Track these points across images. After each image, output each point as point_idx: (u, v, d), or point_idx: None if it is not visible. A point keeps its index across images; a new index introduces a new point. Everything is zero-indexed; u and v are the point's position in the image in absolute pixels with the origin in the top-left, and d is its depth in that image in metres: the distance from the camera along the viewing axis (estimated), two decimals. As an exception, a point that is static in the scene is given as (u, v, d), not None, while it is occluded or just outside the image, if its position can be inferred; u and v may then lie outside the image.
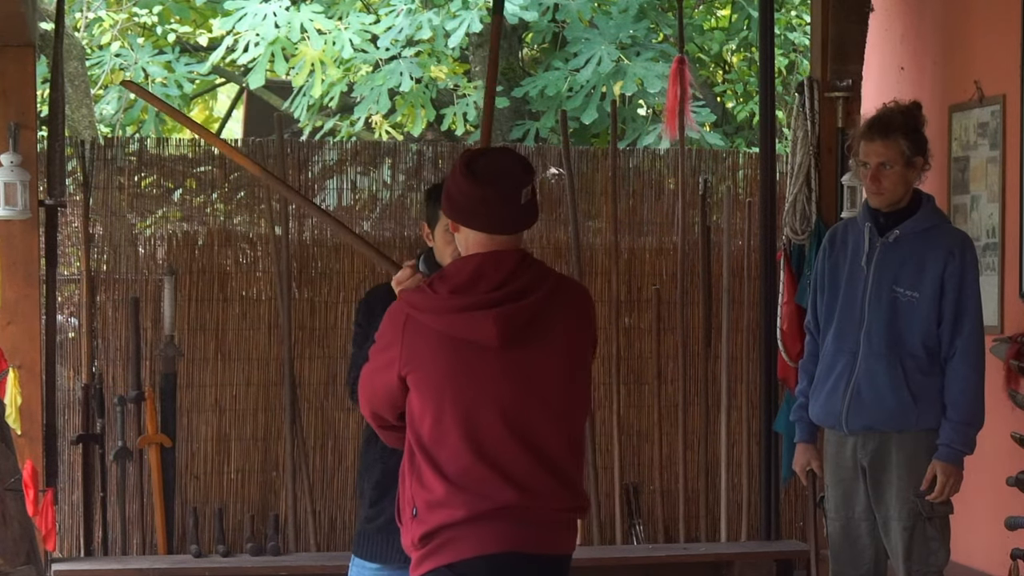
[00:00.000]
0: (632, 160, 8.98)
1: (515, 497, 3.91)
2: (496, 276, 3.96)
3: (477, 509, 3.90)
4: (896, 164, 5.52)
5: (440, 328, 3.95)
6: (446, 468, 3.93)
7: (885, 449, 5.56)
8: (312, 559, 7.89)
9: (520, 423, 3.94)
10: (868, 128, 5.59)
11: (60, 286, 8.03)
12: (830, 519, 5.74)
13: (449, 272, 4.03)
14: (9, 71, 7.19)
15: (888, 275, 5.55)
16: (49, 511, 6.96)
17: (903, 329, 5.53)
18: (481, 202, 3.96)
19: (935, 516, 5.54)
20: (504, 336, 3.92)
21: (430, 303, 3.97)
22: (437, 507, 3.93)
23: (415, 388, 3.99)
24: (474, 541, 3.92)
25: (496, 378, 3.94)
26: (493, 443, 3.93)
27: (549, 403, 3.97)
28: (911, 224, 5.57)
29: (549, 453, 3.95)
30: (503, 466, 3.92)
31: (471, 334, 3.93)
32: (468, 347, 3.94)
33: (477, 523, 3.91)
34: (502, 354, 3.94)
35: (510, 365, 3.95)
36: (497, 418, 3.93)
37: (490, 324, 3.91)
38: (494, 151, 4.16)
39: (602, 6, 12.19)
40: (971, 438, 5.53)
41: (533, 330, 3.96)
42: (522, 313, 3.94)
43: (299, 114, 12.10)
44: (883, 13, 8.23)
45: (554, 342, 3.98)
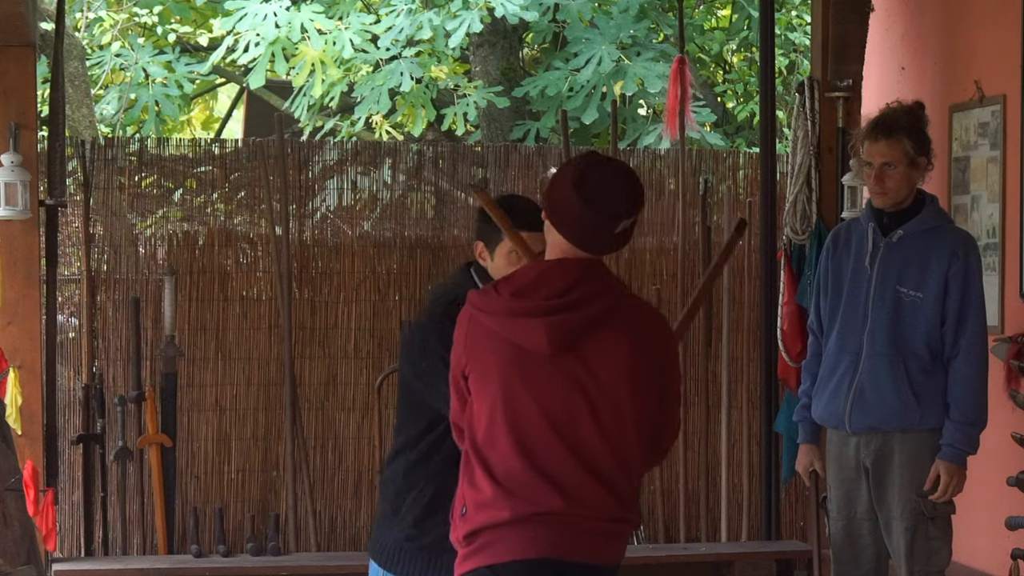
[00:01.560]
0: (632, 160, 8.98)
1: (559, 503, 3.91)
2: (558, 283, 3.96)
3: (521, 512, 3.91)
4: (900, 164, 5.52)
5: (497, 330, 3.98)
6: (495, 469, 3.95)
7: (888, 449, 5.56)
8: (312, 559, 7.89)
9: (568, 431, 3.93)
10: (872, 128, 5.59)
11: (60, 286, 8.03)
12: (832, 519, 5.74)
13: (517, 274, 4.06)
14: (9, 71, 7.19)
15: (892, 275, 5.55)
16: (49, 511, 6.95)
17: (906, 329, 5.53)
18: (577, 217, 3.96)
19: (937, 516, 5.54)
20: (554, 344, 3.92)
21: (491, 304, 4.00)
22: (484, 507, 3.95)
23: (473, 387, 4.02)
24: (515, 544, 3.92)
25: (546, 384, 3.94)
26: (540, 448, 3.93)
27: (599, 415, 3.93)
28: (915, 224, 5.57)
29: (597, 464, 3.93)
30: (549, 472, 3.92)
31: (523, 339, 3.94)
32: (522, 351, 3.95)
33: (520, 526, 3.92)
34: (553, 361, 3.93)
35: (561, 373, 3.94)
36: (545, 424, 3.93)
37: (541, 331, 3.92)
38: (610, 169, 4.04)
39: (602, 6, 12.18)
40: (974, 438, 5.53)
41: (587, 342, 3.94)
42: (575, 323, 3.93)
43: (299, 114, 12.10)
44: (883, 13, 8.22)
45: (610, 357, 3.94)
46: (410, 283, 8.56)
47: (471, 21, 11.28)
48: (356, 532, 8.41)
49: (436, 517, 4.68)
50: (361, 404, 8.44)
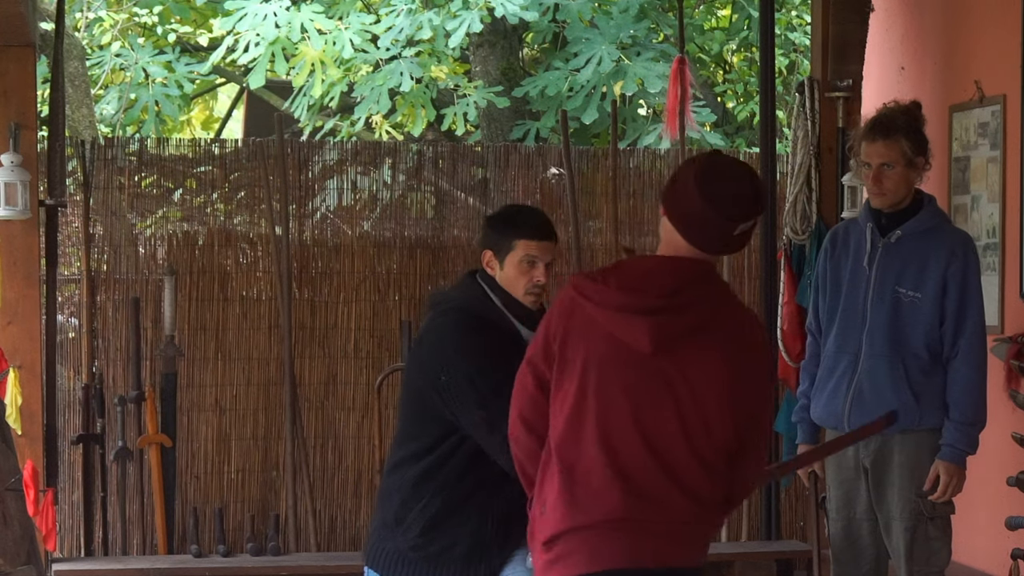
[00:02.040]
0: (632, 160, 8.98)
1: (638, 508, 3.84)
2: (668, 283, 3.90)
3: (598, 517, 3.84)
4: (898, 164, 5.52)
5: (600, 321, 3.90)
6: (576, 468, 3.87)
7: (887, 449, 5.55)
8: (312, 559, 7.90)
9: (653, 434, 3.85)
10: (870, 129, 5.59)
11: (60, 286, 8.03)
12: (832, 520, 5.74)
13: (626, 266, 4.02)
14: (9, 71, 7.19)
15: (890, 275, 5.55)
16: (49, 511, 6.96)
17: (905, 329, 5.53)
18: (697, 216, 3.91)
19: (937, 516, 5.54)
20: (656, 345, 3.85)
21: (597, 293, 3.92)
22: (563, 508, 3.88)
23: (558, 375, 3.93)
24: (595, 554, 3.85)
25: (639, 384, 3.87)
26: (624, 448, 3.86)
27: (686, 421, 3.85)
28: (913, 224, 5.57)
29: (678, 468, 3.85)
30: (630, 474, 3.85)
31: (625, 335, 3.87)
32: (621, 346, 3.88)
33: (598, 533, 3.85)
34: (650, 361, 3.86)
35: (656, 374, 3.86)
36: (632, 424, 3.86)
37: (644, 330, 3.85)
38: (735, 169, 3.99)
39: (602, 6, 12.18)
40: (974, 438, 5.52)
41: (687, 346, 3.87)
42: (680, 327, 3.87)
43: (299, 114, 12.10)
44: (883, 13, 8.22)
45: (707, 365, 3.87)
46: (410, 283, 8.56)
47: (471, 21, 11.28)
48: (356, 532, 8.41)
49: (443, 529, 4.67)
50: (361, 404, 8.44)
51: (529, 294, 4.76)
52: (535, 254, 4.75)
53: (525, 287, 4.74)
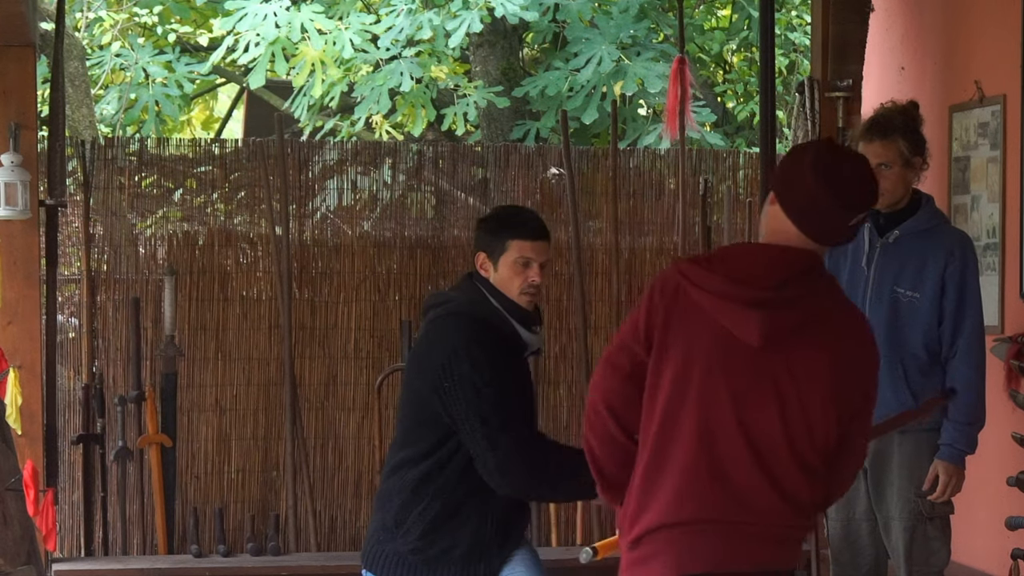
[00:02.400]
0: (632, 160, 8.98)
1: (733, 507, 3.70)
2: (779, 275, 3.74)
3: (689, 516, 3.71)
4: (895, 164, 5.52)
5: (707, 308, 3.73)
6: (671, 463, 3.73)
7: (886, 450, 5.55)
8: (312, 559, 7.90)
9: (756, 432, 3.71)
10: (867, 129, 5.59)
11: (60, 286, 8.03)
12: (831, 520, 5.73)
13: (732, 254, 3.86)
14: (9, 71, 7.19)
15: (889, 276, 5.55)
16: (49, 511, 6.95)
17: (904, 329, 5.52)
18: (815, 206, 3.75)
19: (936, 516, 5.54)
20: (766, 338, 3.70)
21: (705, 280, 3.74)
22: (653, 503, 3.74)
23: (659, 363, 3.76)
24: (684, 553, 3.72)
25: (745, 378, 3.72)
26: (723, 446, 3.72)
27: (790, 420, 3.72)
28: (911, 224, 5.57)
29: (778, 471, 3.72)
30: (728, 473, 3.71)
31: (734, 326, 3.71)
32: (729, 337, 3.72)
33: (688, 534, 3.71)
34: (758, 355, 3.71)
35: (762, 369, 3.71)
36: (734, 421, 3.71)
37: (755, 323, 3.69)
38: (854, 162, 3.86)
39: (602, 6, 12.18)
40: (973, 438, 5.52)
41: (795, 342, 3.73)
42: (789, 320, 3.73)
43: (299, 114, 12.10)
44: (883, 13, 8.22)
45: (814, 362, 3.74)
46: (410, 283, 8.56)
47: (471, 21, 11.28)
48: (356, 532, 8.41)
49: (442, 531, 4.68)
50: (361, 404, 8.44)
51: (524, 294, 4.75)
52: (529, 255, 4.74)
53: (520, 288, 4.74)
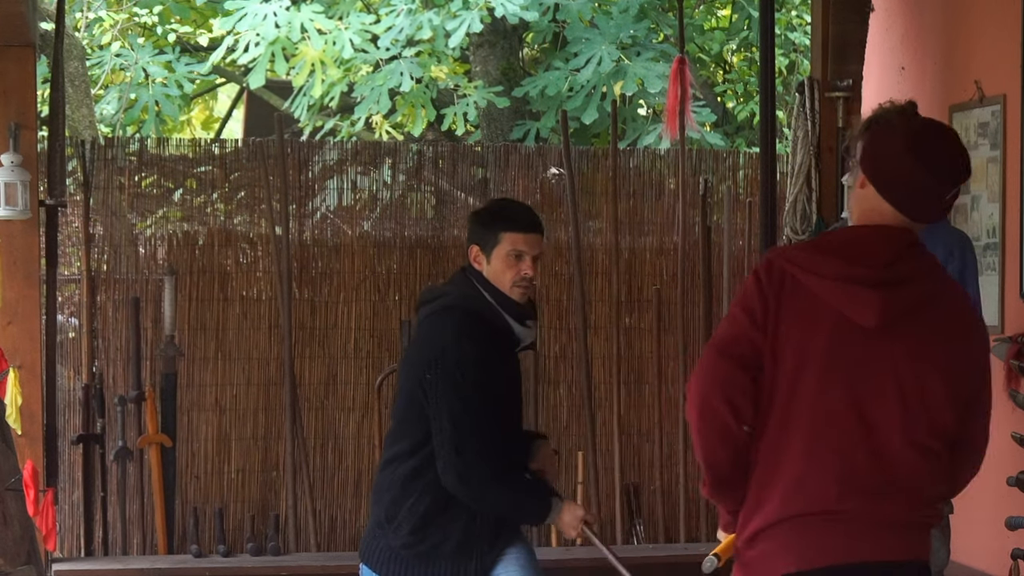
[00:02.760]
0: (632, 160, 8.98)
1: (853, 498, 3.57)
2: (885, 254, 3.61)
3: (810, 508, 3.58)
4: None
5: (820, 294, 3.60)
6: (786, 454, 3.60)
7: None
8: (312, 559, 7.90)
9: (874, 420, 3.58)
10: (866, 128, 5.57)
11: (60, 286, 8.03)
12: None
13: (834, 238, 3.75)
14: (9, 71, 7.19)
15: None
16: (49, 511, 6.95)
17: None
18: (910, 181, 3.64)
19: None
20: (885, 318, 3.57)
21: (816, 264, 3.62)
22: (771, 497, 3.63)
23: (776, 352, 3.62)
24: (806, 548, 3.59)
25: (863, 363, 3.58)
26: (841, 434, 3.58)
27: (909, 405, 3.59)
28: None
29: (897, 460, 3.59)
30: (846, 461, 3.58)
31: (850, 309, 3.57)
32: (844, 322, 3.58)
33: (811, 524, 3.58)
34: (872, 339, 3.58)
35: (881, 352, 3.58)
36: (851, 408, 3.58)
37: (875, 303, 3.56)
38: (946, 135, 3.75)
39: (602, 6, 12.18)
40: None
41: (913, 320, 3.60)
42: (906, 298, 3.60)
43: (299, 114, 12.10)
44: (883, 13, 8.22)
45: (930, 343, 3.62)
46: (410, 283, 8.56)
47: (471, 21, 11.28)
48: (356, 532, 8.41)
49: (433, 526, 4.69)
50: (361, 404, 8.44)
51: (516, 287, 4.77)
52: (521, 247, 4.75)
53: (512, 280, 4.75)
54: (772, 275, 3.65)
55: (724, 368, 3.63)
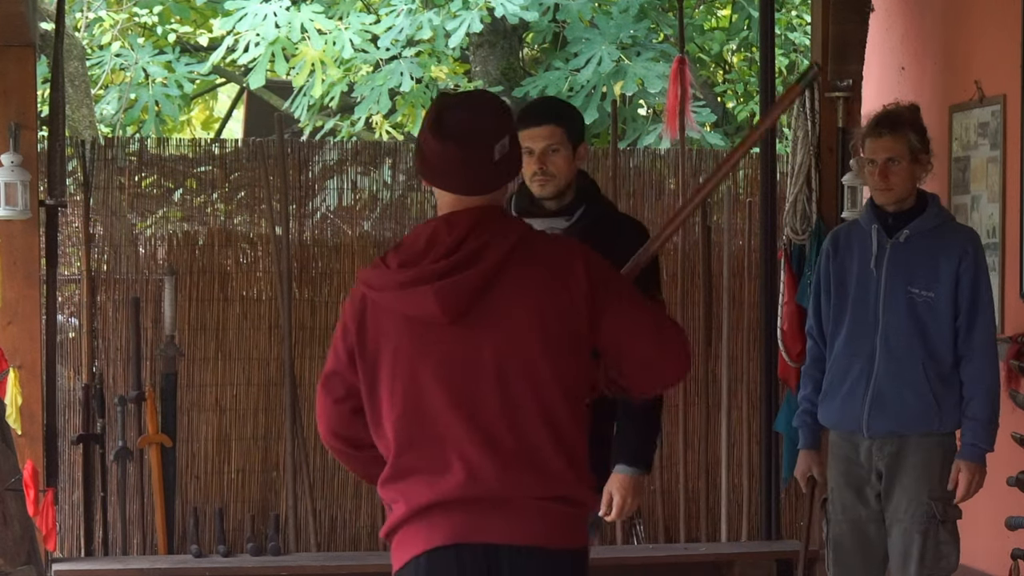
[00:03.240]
0: (633, 160, 8.98)
1: (462, 487, 3.60)
2: (447, 242, 3.62)
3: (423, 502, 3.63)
4: (904, 159, 5.47)
5: (391, 306, 3.65)
6: (404, 460, 3.66)
7: (903, 452, 5.49)
8: (312, 559, 7.89)
9: (473, 406, 3.60)
10: (876, 124, 5.55)
11: (60, 286, 8.03)
12: (835, 521, 5.69)
13: (406, 241, 3.72)
14: (9, 71, 7.18)
15: (901, 276, 5.49)
16: (49, 511, 6.95)
17: (922, 330, 5.47)
18: (448, 161, 3.65)
19: (948, 520, 5.51)
20: (448, 310, 3.58)
21: (382, 279, 3.66)
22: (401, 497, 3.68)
23: (367, 377, 3.70)
24: (429, 534, 3.64)
25: (449, 358, 3.61)
26: (449, 431, 3.61)
27: (509, 381, 3.60)
28: (920, 223, 5.52)
29: (514, 438, 3.60)
30: (459, 452, 3.60)
31: (417, 311, 3.60)
32: (418, 324, 3.62)
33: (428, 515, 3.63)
34: (454, 329, 3.60)
35: (464, 341, 3.60)
36: (449, 404, 3.61)
37: (431, 300, 3.57)
38: (467, 101, 3.74)
39: (602, 6, 12.19)
40: (993, 435, 5.48)
41: (487, 298, 3.60)
42: (469, 283, 3.58)
43: (299, 114, 12.10)
44: (883, 13, 8.22)
45: (513, 310, 3.60)
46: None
47: (471, 21, 11.28)
48: (356, 532, 8.41)
49: None
50: (361, 404, 8.43)
51: (533, 182, 4.83)
52: (528, 143, 4.72)
53: (529, 176, 4.81)
54: (354, 303, 3.72)
55: (324, 404, 3.85)
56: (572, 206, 4.86)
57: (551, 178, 4.81)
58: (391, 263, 3.66)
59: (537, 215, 4.82)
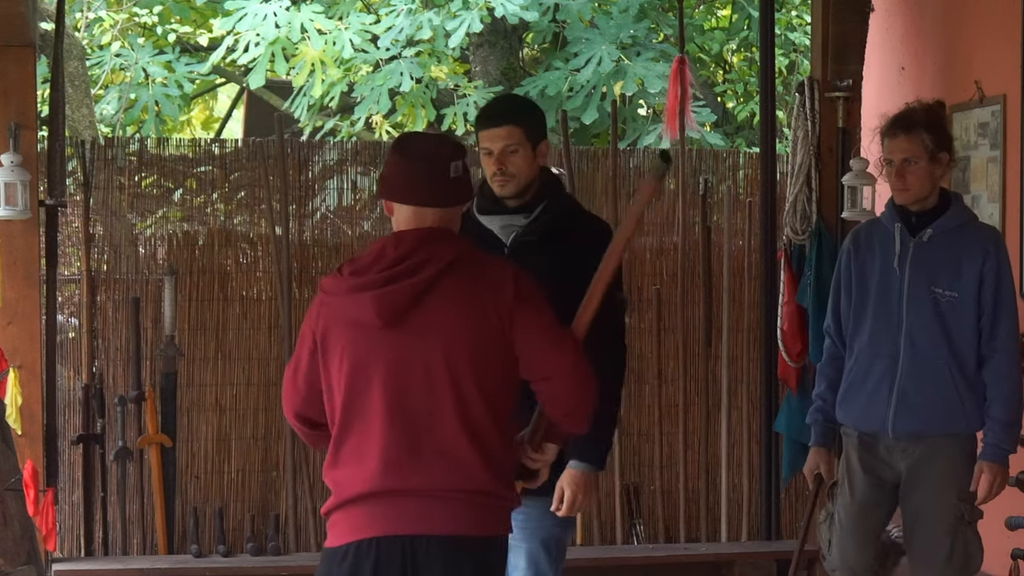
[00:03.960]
0: (632, 160, 8.98)
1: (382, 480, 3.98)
2: (393, 254, 4.05)
3: (355, 492, 4.00)
4: (920, 159, 5.46)
5: (340, 310, 4.07)
6: (343, 450, 4.06)
7: (928, 453, 5.47)
8: (313, 559, 7.88)
9: (401, 406, 4.01)
10: (891, 125, 5.54)
11: (60, 286, 8.03)
12: (842, 504, 5.65)
13: (362, 254, 4.15)
14: (9, 71, 7.18)
15: (925, 275, 5.47)
16: (49, 511, 6.96)
17: (947, 331, 5.45)
18: (404, 173, 4.10)
19: (974, 520, 5.50)
20: (383, 317, 4.00)
21: (335, 285, 4.09)
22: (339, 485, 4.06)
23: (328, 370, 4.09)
24: (355, 525, 4.02)
25: (385, 360, 4.02)
26: (378, 426, 4.01)
27: (437, 385, 4.01)
28: (944, 222, 5.50)
29: (435, 436, 4.00)
30: (386, 445, 4.00)
31: (358, 315, 4.03)
32: (362, 328, 4.04)
33: (358, 505, 4.01)
34: (390, 335, 4.01)
35: (397, 346, 4.01)
36: (383, 401, 4.01)
37: (369, 305, 3.99)
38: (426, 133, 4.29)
39: (602, 6, 12.19)
40: (1016, 436, 5.46)
41: (422, 309, 4.01)
42: (404, 292, 4.00)
43: (299, 114, 12.10)
44: (883, 13, 8.23)
45: (442, 322, 4.02)
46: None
47: (471, 21, 11.28)
48: (356, 532, 8.40)
49: None
50: (361, 404, 8.43)
51: (493, 182, 4.89)
52: (486, 144, 4.84)
53: (490, 177, 4.88)
54: (315, 304, 4.17)
55: (287, 387, 4.22)
56: (532, 203, 4.89)
57: (511, 178, 4.85)
58: (344, 272, 4.10)
59: (496, 212, 4.87)
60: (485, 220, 4.91)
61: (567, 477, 4.81)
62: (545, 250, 4.84)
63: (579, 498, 4.80)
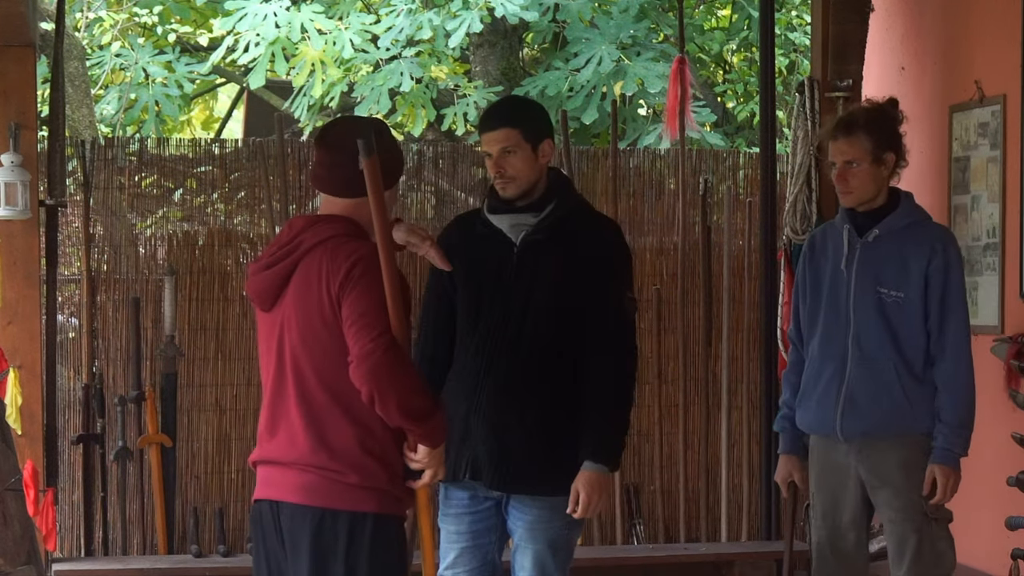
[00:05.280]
0: (633, 160, 8.98)
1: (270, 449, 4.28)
2: (284, 238, 4.27)
3: (255, 456, 4.35)
4: (863, 162, 5.44)
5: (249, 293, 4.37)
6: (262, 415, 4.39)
7: (883, 455, 5.45)
8: (312, 559, 7.89)
9: (277, 384, 4.27)
10: (832, 128, 5.52)
11: (60, 286, 8.03)
12: (815, 527, 5.66)
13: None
14: (9, 71, 7.18)
15: (870, 276, 5.45)
16: (49, 511, 6.95)
17: (893, 331, 5.41)
18: (319, 164, 4.31)
19: (940, 518, 5.49)
20: (256, 299, 4.29)
21: (250, 268, 4.36)
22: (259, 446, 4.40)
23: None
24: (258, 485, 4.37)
25: (264, 337, 4.31)
26: (267, 397, 4.31)
27: (285, 366, 4.25)
28: (889, 222, 5.47)
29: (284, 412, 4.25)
30: (269, 419, 4.30)
31: (250, 296, 4.35)
32: (257, 309, 4.35)
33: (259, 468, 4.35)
34: (268, 316, 4.30)
35: (271, 325, 4.28)
36: (267, 378, 4.31)
37: (250, 288, 4.31)
38: (348, 121, 4.49)
39: (603, 6, 12.19)
40: (966, 439, 5.41)
41: (288, 291, 4.23)
42: (272, 275, 4.24)
43: (299, 114, 12.10)
44: (883, 13, 8.23)
45: (292, 304, 4.23)
46: (410, 283, 8.54)
47: (471, 21, 11.28)
48: (356, 532, 8.39)
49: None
50: (361, 404, 8.43)
51: (496, 184, 4.93)
52: (486, 147, 4.90)
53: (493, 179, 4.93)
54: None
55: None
56: (540, 203, 4.90)
57: (510, 180, 4.86)
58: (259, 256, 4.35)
59: (506, 212, 4.89)
60: (495, 219, 4.92)
61: (582, 479, 4.79)
62: (554, 249, 4.85)
63: (595, 499, 4.78)
